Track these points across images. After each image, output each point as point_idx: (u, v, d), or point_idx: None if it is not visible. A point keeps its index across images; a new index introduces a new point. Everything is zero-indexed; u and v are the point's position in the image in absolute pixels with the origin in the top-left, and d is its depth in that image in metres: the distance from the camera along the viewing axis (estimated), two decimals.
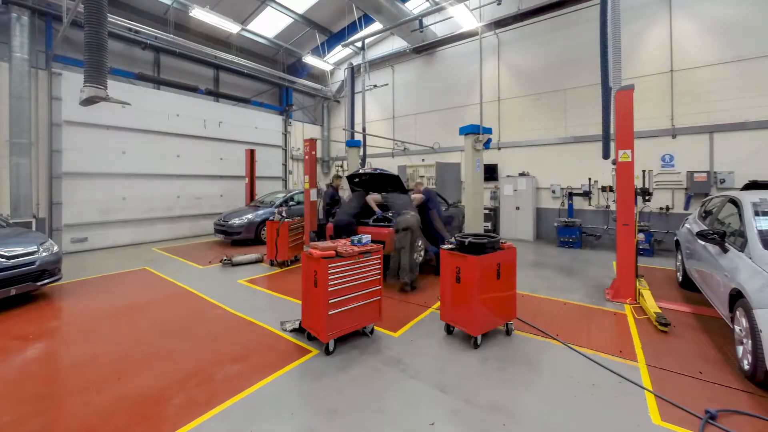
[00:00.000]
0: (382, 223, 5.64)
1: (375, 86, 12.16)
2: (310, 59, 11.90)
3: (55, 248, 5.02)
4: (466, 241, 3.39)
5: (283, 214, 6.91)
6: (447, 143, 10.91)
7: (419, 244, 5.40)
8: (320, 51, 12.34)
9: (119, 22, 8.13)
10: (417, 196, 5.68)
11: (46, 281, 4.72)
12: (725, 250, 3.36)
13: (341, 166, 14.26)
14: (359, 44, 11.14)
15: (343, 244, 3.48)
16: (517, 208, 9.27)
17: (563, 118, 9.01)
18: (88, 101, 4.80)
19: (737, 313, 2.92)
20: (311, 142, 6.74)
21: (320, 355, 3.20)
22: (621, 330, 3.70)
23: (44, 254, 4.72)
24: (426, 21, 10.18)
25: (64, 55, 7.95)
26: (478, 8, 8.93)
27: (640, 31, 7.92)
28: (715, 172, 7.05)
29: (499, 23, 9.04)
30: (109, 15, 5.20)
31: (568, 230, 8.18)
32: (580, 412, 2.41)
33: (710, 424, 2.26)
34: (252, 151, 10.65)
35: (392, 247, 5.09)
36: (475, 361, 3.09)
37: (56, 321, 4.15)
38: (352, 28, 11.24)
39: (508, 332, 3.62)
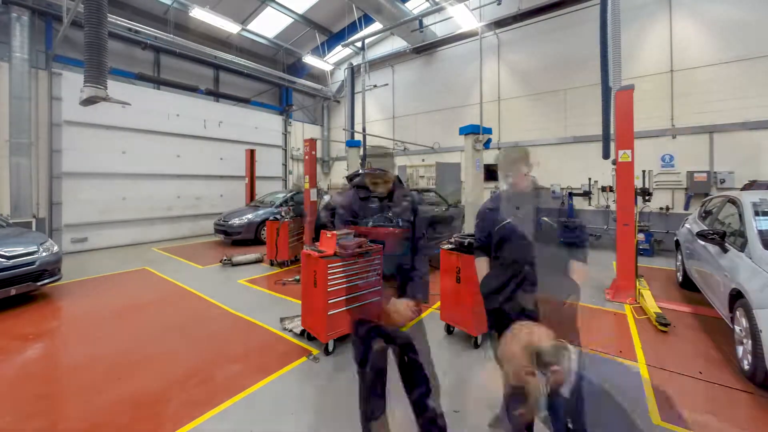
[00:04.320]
0: (382, 223, 5.63)
1: (375, 86, 12.16)
2: (310, 59, 11.90)
3: (55, 248, 5.00)
4: (466, 241, 3.39)
5: (291, 213, 6.80)
6: (447, 143, 10.90)
7: None
8: (320, 51, 12.34)
9: (119, 22, 8.11)
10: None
11: (46, 281, 4.70)
12: (725, 250, 3.34)
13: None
14: (359, 44, 11.13)
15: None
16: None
17: (563, 118, 9.00)
18: (88, 101, 4.78)
19: (737, 313, 2.90)
20: (311, 142, 6.74)
21: (320, 355, 3.19)
22: (621, 330, 3.69)
23: (44, 254, 4.69)
24: (426, 21, 10.17)
25: (64, 55, 7.93)
26: (478, 8, 8.91)
27: (640, 31, 7.92)
28: (715, 172, 7.04)
29: (499, 23, 9.05)
30: (109, 15, 5.18)
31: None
32: None
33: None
34: (252, 151, 10.64)
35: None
36: (475, 360, 3.08)
37: (56, 321, 4.14)
38: (352, 28, 11.24)
39: None
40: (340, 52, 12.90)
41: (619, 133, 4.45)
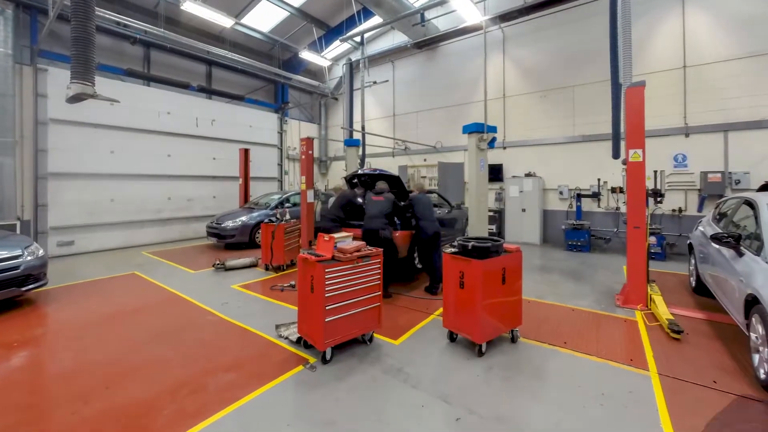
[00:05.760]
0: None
1: (375, 83, 11.92)
2: (306, 55, 11.65)
3: (41, 252, 4.88)
4: (469, 245, 3.26)
5: (287, 216, 6.68)
6: (450, 142, 10.73)
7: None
8: (317, 46, 12.10)
9: (107, 16, 7.89)
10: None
11: (31, 286, 4.60)
12: (740, 254, 3.26)
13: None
14: (358, 39, 10.92)
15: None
16: (523, 210, 9.08)
17: (571, 116, 8.81)
18: (75, 98, 4.72)
19: (753, 319, 2.84)
20: (308, 141, 6.56)
21: (317, 364, 3.10)
22: (631, 337, 3.61)
23: (29, 258, 4.58)
24: (428, 14, 9.97)
25: (49, 50, 7.72)
26: (482, 1, 8.69)
27: (651, 25, 7.71)
28: (729, 173, 6.88)
29: (504, 17, 8.86)
30: (96, 8, 5.05)
31: (576, 233, 7.98)
32: (589, 423, 2.33)
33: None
34: (246, 151, 10.43)
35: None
36: (479, 369, 3.00)
37: (42, 328, 4.05)
38: (351, 22, 11.02)
39: (513, 339, 3.51)
40: (338, 47, 12.66)
41: (630, 132, 4.32)
